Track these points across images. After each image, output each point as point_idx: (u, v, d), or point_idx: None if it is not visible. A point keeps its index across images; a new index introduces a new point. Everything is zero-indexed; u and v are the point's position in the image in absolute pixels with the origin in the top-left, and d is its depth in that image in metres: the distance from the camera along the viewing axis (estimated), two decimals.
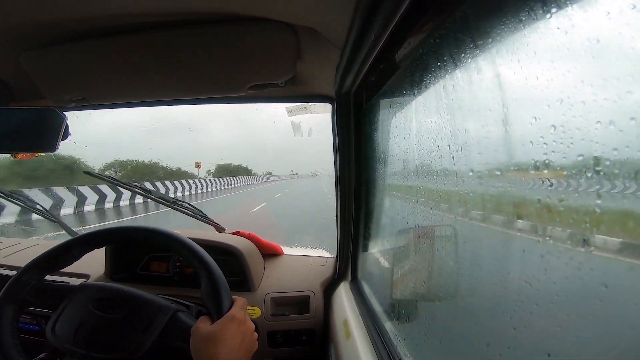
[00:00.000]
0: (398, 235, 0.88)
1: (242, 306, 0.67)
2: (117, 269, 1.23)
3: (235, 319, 0.63)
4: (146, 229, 0.74)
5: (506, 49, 0.40)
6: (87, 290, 0.73)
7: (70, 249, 0.73)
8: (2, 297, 0.68)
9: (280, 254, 1.37)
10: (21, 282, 0.69)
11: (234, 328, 0.62)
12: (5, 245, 1.41)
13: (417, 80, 0.63)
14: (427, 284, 0.70)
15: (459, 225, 0.57)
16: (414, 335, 0.73)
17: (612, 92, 0.27)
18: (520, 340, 0.41)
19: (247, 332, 0.64)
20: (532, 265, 0.39)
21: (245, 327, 0.64)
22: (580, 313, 0.34)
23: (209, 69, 0.80)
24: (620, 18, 0.26)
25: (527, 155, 0.38)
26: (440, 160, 0.56)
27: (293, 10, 0.63)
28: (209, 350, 0.59)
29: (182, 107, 1.14)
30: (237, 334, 0.62)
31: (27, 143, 0.91)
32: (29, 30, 0.68)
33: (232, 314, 0.63)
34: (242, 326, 0.63)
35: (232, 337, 0.61)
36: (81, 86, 0.87)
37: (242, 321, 0.64)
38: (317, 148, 5.18)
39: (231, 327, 0.62)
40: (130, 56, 0.76)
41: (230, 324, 0.62)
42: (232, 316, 0.63)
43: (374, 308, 0.94)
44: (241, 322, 0.64)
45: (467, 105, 0.49)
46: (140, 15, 0.65)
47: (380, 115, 0.91)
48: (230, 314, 0.63)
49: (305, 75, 0.92)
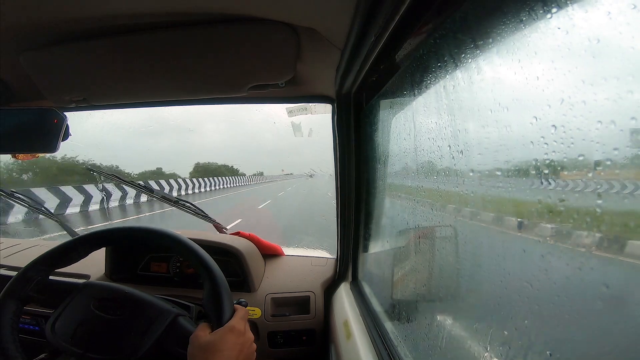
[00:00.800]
0: (398, 236, 0.88)
1: (243, 317, 0.66)
2: (118, 270, 1.23)
3: (235, 330, 0.62)
4: (154, 231, 0.74)
5: (507, 49, 0.40)
6: (91, 288, 0.72)
7: (78, 247, 0.73)
8: (6, 292, 0.68)
9: (280, 255, 1.37)
10: (27, 278, 0.69)
11: (233, 339, 0.61)
12: (6, 246, 1.41)
13: (417, 80, 0.63)
14: (427, 284, 0.70)
15: (460, 225, 0.57)
16: (414, 335, 0.73)
17: (612, 91, 0.27)
18: (520, 340, 0.41)
19: (246, 344, 0.64)
20: (532, 265, 0.39)
21: (244, 339, 0.63)
22: (581, 313, 0.34)
23: (209, 69, 0.80)
24: (621, 18, 0.26)
25: (527, 155, 0.38)
26: (441, 160, 0.56)
27: (293, 11, 0.63)
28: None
29: (176, 107, 1.14)
30: (235, 345, 0.61)
31: (27, 143, 0.91)
32: (30, 31, 0.68)
33: (232, 324, 0.63)
34: (241, 337, 0.63)
35: (230, 348, 0.60)
36: (82, 86, 0.87)
37: (242, 332, 0.64)
38: (313, 147, 5.04)
39: (230, 338, 0.61)
40: (131, 56, 0.76)
41: (230, 335, 0.61)
42: (232, 327, 0.62)
43: (375, 308, 0.93)
44: (240, 333, 0.63)
45: (467, 106, 0.49)
46: (141, 16, 0.65)
47: (380, 116, 0.91)
48: (230, 325, 0.63)
49: (305, 75, 0.92)
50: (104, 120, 14.99)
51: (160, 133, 49.12)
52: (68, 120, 0.90)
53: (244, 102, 1.14)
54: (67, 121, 0.89)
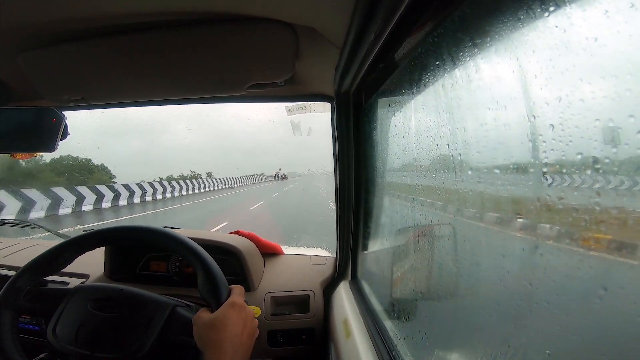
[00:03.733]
0: (398, 234, 0.88)
1: (240, 293, 0.68)
2: (117, 269, 1.23)
3: (236, 305, 0.64)
4: (139, 228, 0.74)
5: (505, 47, 0.40)
6: (83, 292, 0.72)
7: (62, 253, 0.73)
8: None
9: (280, 253, 1.37)
10: (16, 288, 0.69)
11: (235, 314, 0.63)
12: (5, 245, 1.41)
13: (416, 79, 0.63)
14: (427, 282, 0.70)
15: (458, 224, 0.57)
16: (414, 334, 0.73)
17: (610, 90, 0.27)
18: (519, 339, 0.41)
19: (248, 318, 0.65)
20: (531, 263, 0.39)
21: (245, 313, 0.65)
22: (580, 312, 0.35)
23: (208, 68, 0.80)
24: (619, 16, 0.26)
25: (526, 153, 0.38)
26: (439, 159, 0.56)
27: (292, 9, 0.63)
28: (214, 336, 0.59)
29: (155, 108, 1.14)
30: (238, 319, 0.62)
31: (26, 143, 0.91)
32: (28, 31, 0.68)
33: (231, 300, 0.64)
34: (243, 312, 0.64)
35: (234, 322, 0.61)
36: (80, 86, 0.87)
37: (242, 307, 0.65)
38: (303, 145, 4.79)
39: (232, 313, 0.62)
40: (129, 56, 0.76)
41: (231, 310, 0.63)
42: (232, 303, 0.64)
43: (374, 307, 0.94)
44: (241, 308, 0.64)
45: (466, 104, 0.49)
46: (139, 15, 0.65)
47: (379, 114, 0.92)
48: (230, 301, 0.64)
49: (304, 74, 0.92)
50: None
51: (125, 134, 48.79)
52: (67, 120, 0.89)
53: (243, 101, 1.14)
54: (65, 120, 0.89)
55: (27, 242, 1.50)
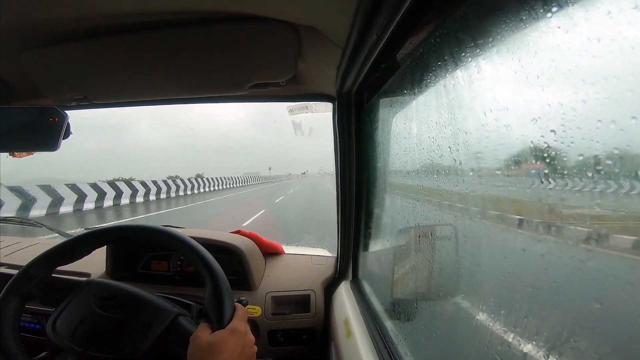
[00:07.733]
0: (399, 235, 0.88)
1: (243, 317, 0.66)
2: (118, 268, 1.23)
3: (237, 332, 0.62)
4: (157, 230, 0.74)
5: (507, 48, 0.40)
6: (93, 286, 0.73)
7: (81, 244, 0.73)
8: (8, 289, 0.68)
9: (281, 253, 1.37)
10: (29, 275, 0.70)
11: (235, 341, 0.61)
12: (7, 244, 1.42)
13: (418, 79, 0.63)
14: (427, 283, 0.70)
15: (460, 224, 0.57)
16: (414, 334, 0.73)
17: (613, 91, 0.27)
18: (520, 339, 0.41)
19: (247, 345, 0.64)
20: (532, 264, 0.39)
21: (245, 340, 0.63)
22: (581, 312, 0.34)
23: (210, 68, 0.80)
24: (621, 17, 0.26)
25: (527, 154, 0.38)
26: (441, 159, 0.56)
27: (294, 9, 0.63)
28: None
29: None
30: (236, 346, 0.61)
31: (28, 142, 0.91)
32: (30, 30, 0.68)
33: (233, 326, 0.63)
34: (242, 339, 0.63)
35: (231, 350, 0.60)
36: (82, 85, 0.87)
37: (243, 334, 0.63)
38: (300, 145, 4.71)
39: (232, 339, 0.61)
40: (131, 55, 0.76)
41: (231, 336, 0.61)
42: (234, 329, 0.62)
43: (375, 307, 0.94)
44: (242, 335, 0.63)
45: (467, 105, 0.49)
46: (142, 15, 0.65)
47: (381, 115, 0.92)
48: (232, 326, 0.63)
49: (306, 74, 0.92)
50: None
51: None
52: (69, 119, 0.90)
53: (244, 101, 1.14)
54: (68, 119, 0.89)
55: (28, 241, 1.50)
